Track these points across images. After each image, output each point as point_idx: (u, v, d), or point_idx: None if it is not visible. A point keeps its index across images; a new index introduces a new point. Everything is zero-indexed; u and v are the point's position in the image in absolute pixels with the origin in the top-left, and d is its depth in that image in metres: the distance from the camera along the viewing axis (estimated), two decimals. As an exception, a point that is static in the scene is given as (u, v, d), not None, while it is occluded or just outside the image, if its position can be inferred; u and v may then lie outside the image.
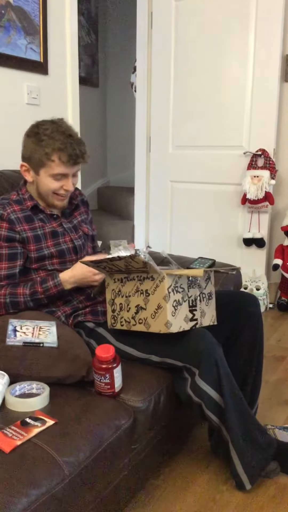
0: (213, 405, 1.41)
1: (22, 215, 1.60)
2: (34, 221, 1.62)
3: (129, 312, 1.45)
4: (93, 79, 4.52)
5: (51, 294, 1.56)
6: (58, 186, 1.57)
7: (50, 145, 1.49)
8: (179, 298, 1.39)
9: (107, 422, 1.21)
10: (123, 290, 1.46)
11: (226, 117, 3.15)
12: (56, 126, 1.52)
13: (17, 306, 1.54)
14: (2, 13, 2.22)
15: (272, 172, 3.01)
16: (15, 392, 1.25)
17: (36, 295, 1.55)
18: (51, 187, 1.57)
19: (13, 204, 1.60)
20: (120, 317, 1.48)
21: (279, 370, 2.36)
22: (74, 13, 2.60)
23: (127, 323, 1.46)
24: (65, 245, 1.66)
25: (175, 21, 3.23)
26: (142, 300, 1.41)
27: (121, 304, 1.47)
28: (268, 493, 1.50)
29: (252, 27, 2.97)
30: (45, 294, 1.55)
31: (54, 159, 1.50)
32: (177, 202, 3.46)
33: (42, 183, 1.57)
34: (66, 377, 1.31)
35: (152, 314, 1.38)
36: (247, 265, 3.19)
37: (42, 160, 1.52)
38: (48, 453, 1.04)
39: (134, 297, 1.43)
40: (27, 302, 1.55)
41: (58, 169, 1.52)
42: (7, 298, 1.53)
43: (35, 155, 1.53)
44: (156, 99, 3.41)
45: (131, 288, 1.44)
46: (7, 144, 2.36)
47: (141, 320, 1.41)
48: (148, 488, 1.52)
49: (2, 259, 1.55)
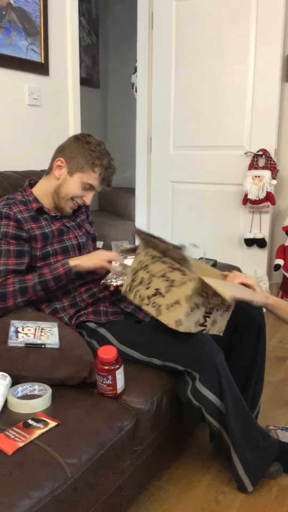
0: (213, 410, 1.41)
1: (28, 215, 1.62)
2: (40, 220, 1.64)
3: (147, 291, 1.42)
4: (94, 79, 4.52)
5: (58, 274, 1.54)
6: (81, 194, 1.66)
7: (100, 160, 1.63)
8: (199, 302, 1.36)
9: (109, 424, 1.20)
10: (151, 268, 1.44)
11: (227, 117, 3.15)
12: (106, 148, 1.67)
13: (25, 292, 1.53)
14: (3, 14, 2.22)
15: (273, 172, 3.00)
16: (17, 393, 1.25)
17: (43, 276, 1.54)
18: (75, 192, 1.65)
19: (19, 204, 1.63)
20: (136, 290, 1.46)
21: (281, 371, 2.36)
22: (75, 14, 2.60)
23: (140, 299, 1.44)
24: (69, 242, 1.68)
25: (175, 22, 3.23)
26: (165, 287, 1.38)
27: (143, 278, 1.45)
28: (270, 494, 1.50)
29: (253, 27, 2.96)
30: (52, 274, 1.54)
31: (96, 171, 1.63)
32: (178, 202, 3.46)
33: (70, 185, 1.64)
34: (68, 379, 1.31)
35: (167, 305, 1.37)
36: (249, 265, 3.19)
37: (85, 166, 1.62)
38: (51, 455, 1.04)
39: (158, 280, 1.40)
40: (35, 286, 1.53)
41: (93, 181, 1.64)
42: (16, 285, 1.52)
43: (79, 159, 1.62)
44: (157, 99, 3.41)
45: (159, 269, 1.41)
46: (8, 145, 2.37)
47: (155, 304, 1.39)
48: (151, 490, 1.52)
49: (10, 255, 1.56)
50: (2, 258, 1.56)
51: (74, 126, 2.70)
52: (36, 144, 2.51)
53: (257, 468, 1.47)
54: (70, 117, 2.68)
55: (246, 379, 1.61)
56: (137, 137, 3.56)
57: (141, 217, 3.65)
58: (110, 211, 4.34)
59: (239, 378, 1.57)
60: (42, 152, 2.52)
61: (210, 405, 1.40)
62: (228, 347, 1.61)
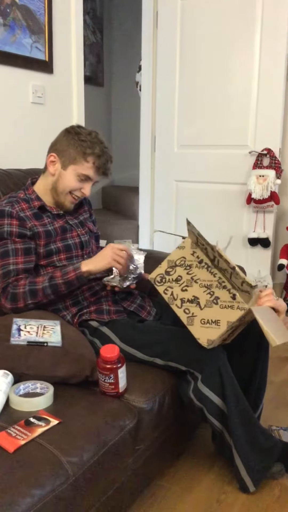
0: (216, 411, 1.40)
1: (30, 213, 1.62)
2: (43, 218, 1.64)
3: (183, 293, 1.35)
4: (98, 78, 4.52)
5: (69, 279, 1.52)
6: (78, 186, 1.63)
7: (91, 148, 1.58)
8: (235, 325, 1.35)
9: (111, 423, 1.20)
10: (195, 271, 1.36)
11: (232, 116, 3.14)
12: (96, 135, 1.63)
13: (35, 294, 1.52)
14: (8, 11, 2.22)
15: (277, 172, 2.99)
16: (19, 391, 1.25)
17: (54, 280, 1.52)
18: (72, 185, 1.62)
19: (21, 202, 1.63)
20: (169, 286, 1.38)
21: (284, 371, 2.35)
22: (79, 12, 2.59)
23: (171, 296, 1.37)
24: (72, 240, 1.68)
25: (180, 20, 3.22)
26: (206, 300, 1.32)
27: (181, 277, 1.37)
28: (272, 494, 1.49)
29: (258, 26, 2.95)
30: (63, 279, 1.52)
31: (89, 161, 1.59)
32: (182, 201, 3.45)
33: (65, 178, 1.62)
34: (70, 377, 1.31)
35: (203, 320, 1.31)
36: (252, 265, 3.18)
37: (77, 158, 1.59)
38: (52, 453, 1.04)
39: (199, 290, 1.33)
40: (45, 289, 1.51)
41: (88, 171, 1.60)
42: (26, 287, 1.52)
43: (70, 151, 1.60)
44: (161, 98, 3.40)
45: (204, 278, 1.34)
46: (12, 143, 2.37)
47: (188, 311, 1.34)
48: (152, 489, 1.51)
49: (18, 253, 1.56)
50: (11, 257, 1.55)
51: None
52: (40, 142, 2.50)
53: (259, 469, 1.47)
54: (74, 116, 2.68)
55: (248, 379, 1.61)
56: (141, 136, 3.55)
57: (145, 216, 3.65)
58: (114, 210, 4.34)
59: (241, 379, 1.57)
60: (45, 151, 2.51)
61: (212, 405, 1.40)
62: (230, 347, 1.60)
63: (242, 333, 1.61)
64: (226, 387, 1.38)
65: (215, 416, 1.41)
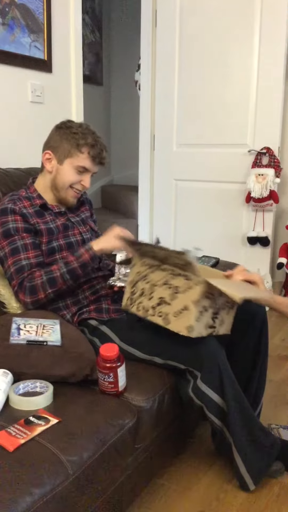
0: (215, 408, 1.41)
1: (32, 210, 1.63)
2: (45, 216, 1.65)
3: (150, 301, 1.39)
4: (97, 77, 4.52)
5: (84, 261, 1.53)
6: (77, 179, 1.64)
7: (83, 139, 1.60)
8: (207, 305, 1.35)
9: (111, 421, 1.20)
10: (151, 277, 1.40)
11: (231, 115, 3.14)
12: (87, 126, 1.65)
13: (54, 282, 1.51)
14: (6, 10, 2.22)
15: (277, 171, 2.99)
16: (18, 390, 1.25)
17: (70, 265, 1.53)
18: (71, 179, 1.63)
19: (23, 200, 1.64)
20: (138, 302, 1.42)
21: (283, 370, 2.35)
22: (78, 11, 2.59)
23: (144, 310, 1.40)
24: (74, 237, 1.69)
25: (179, 19, 3.22)
26: (169, 294, 1.35)
27: (144, 289, 1.41)
28: (272, 493, 1.50)
29: (257, 25, 2.95)
30: (78, 262, 1.53)
31: (83, 152, 1.60)
32: (181, 200, 3.45)
33: (63, 173, 1.63)
34: (70, 376, 1.31)
35: (175, 312, 1.34)
36: (251, 264, 3.18)
37: (71, 150, 1.60)
38: (52, 452, 1.04)
39: (161, 289, 1.37)
40: (63, 275, 1.52)
41: (84, 162, 1.61)
42: (43, 277, 1.51)
43: (64, 145, 1.61)
44: (160, 97, 3.40)
45: (159, 278, 1.38)
46: (11, 142, 2.36)
47: (161, 314, 1.36)
48: (152, 487, 1.52)
49: (28, 248, 1.57)
50: (22, 253, 1.55)
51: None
52: (39, 142, 2.49)
53: (259, 467, 1.47)
54: (73, 115, 2.68)
55: (248, 377, 1.61)
56: (140, 135, 3.55)
57: (144, 215, 3.65)
58: (113, 209, 4.34)
59: (240, 377, 1.57)
60: (45, 150, 2.51)
61: (211, 403, 1.40)
62: (230, 345, 1.61)
63: (241, 331, 1.61)
64: (226, 385, 1.38)
65: (215, 414, 1.41)
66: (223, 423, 1.42)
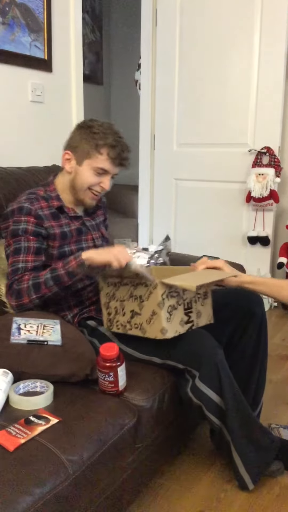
0: (214, 407, 1.40)
1: (48, 212, 1.58)
2: (60, 219, 1.61)
3: (125, 317, 1.43)
4: (97, 76, 4.51)
5: (70, 268, 1.46)
6: (96, 181, 1.58)
7: (103, 139, 1.52)
8: (173, 303, 1.37)
9: (111, 421, 1.20)
10: (117, 294, 1.44)
11: (231, 114, 3.14)
12: (110, 126, 1.57)
13: (38, 288, 1.47)
14: (7, 10, 2.21)
15: (277, 170, 2.99)
16: (19, 390, 1.25)
17: (56, 271, 1.47)
18: (90, 180, 1.57)
19: (40, 200, 1.59)
20: (115, 321, 1.46)
21: (283, 369, 2.35)
22: (78, 10, 2.59)
23: (123, 327, 1.44)
24: (86, 243, 1.66)
25: (179, 19, 3.22)
26: (137, 305, 1.39)
27: (116, 308, 1.45)
28: (272, 492, 1.50)
29: (257, 24, 2.95)
30: (65, 269, 1.46)
31: (102, 153, 1.53)
32: (181, 200, 3.45)
33: (82, 174, 1.57)
34: (70, 376, 1.31)
35: (147, 320, 1.37)
36: (252, 263, 3.18)
37: (90, 151, 1.54)
38: (52, 452, 1.04)
39: (129, 302, 1.41)
40: (47, 281, 1.46)
41: (103, 163, 1.55)
42: (30, 281, 1.48)
43: (83, 145, 1.55)
44: (160, 96, 3.40)
45: (124, 293, 1.42)
46: (11, 141, 2.36)
47: (137, 325, 1.40)
48: (152, 487, 1.52)
49: (29, 252, 1.53)
50: (21, 255, 1.52)
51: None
52: (39, 141, 2.50)
53: (258, 466, 1.47)
54: (73, 114, 2.68)
55: (247, 377, 1.61)
56: (141, 134, 3.55)
57: (144, 214, 3.65)
58: (113, 208, 4.33)
59: (240, 377, 1.57)
60: (45, 149, 2.51)
61: (210, 403, 1.40)
62: (229, 345, 1.61)
63: (240, 332, 1.61)
64: (224, 384, 1.38)
65: (214, 413, 1.41)
66: (221, 422, 1.42)
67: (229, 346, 1.60)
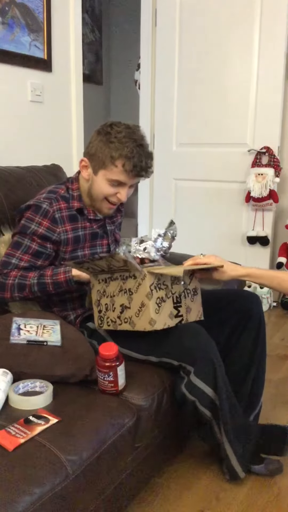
0: (207, 401, 1.41)
1: (66, 214, 1.54)
2: (78, 221, 1.57)
3: (115, 312, 1.43)
4: (97, 76, 4.51)
5: (58, 280, 1.46)
6: (112, 192, 1.51)
7: (118, 150, 1.43)
8: (162, 295, 1.38)
9: (110, 421, 1.20)
10: (108, 290, 1.44)
11: (231, 114, 3.14)
12: (130, 132, 1.45)
13: (22, 289, 1.48)
14: (6, 9, 2.21)
15: (276, 170, 2.99)
16: (18, 390, 1.25)
17: (43, 278, 1.47)
18: (105, 191, 1.51)
19: (60, 200, 1.54)
20: (106, 318, 1.46)
21: (282, 369, 2.35)
22: (78, 10, 2.59)
23: (113, 323, 1.45)
24: (100, 248, 1.64)
25: (179, 19, 3.22)
26: (126, 299, 1.39)
27: (107, 304, 1.45)
28: (271, 492, 1.50)
29: (257, 24, 2.95)
30: (52, 279, 1.47)
31: (117, 165, 1.44)
32: (180, 200, 3.45)
33: (97, 184, 1.51)
34: (69, 376, 1.31)
35: (136, 313, 1.37)
36: (251, 263, 3.17)
37: (105, 162, 1.45)
38: (52, 452, 1.04)
39: (119, 297, 1.41)
40: (33, 286, 1.47)
41: (118, 176, 1.47)
42: (16, 279, 1.48)
43: (99, 154, 1.46)
44: (160, 96, 3.40)
45: (115, 287, 1.42)
46: (10, 141, 2.36)
47: (126, 319, 1.40)
48: (152, 486, 1.52)
49: (28, 252, 1.51)
50: (19, 251, 1.51)
51: (76, 123, 2.70)
52: (38, 140, 2.50)
53: (245, 453, 1.49)
54: (73, 114, 2.68)
55: (246, 377, 1.61)
56: (140, 134, 3.55)
57: (144, 214, 3.65)
58: (113, 208, 4.33)
59: (238, 376, 1.58)
60: (44, 148, 2.52)
61: (204, 396, 1.40)
62: (227, 346, 1.61)
63: (237, 331, 1.61)
64: (218, 378, 1.39)
65: (207, 406, 1.42)
66: (212, 415, 1.43)
67: (228, 347, 1.60)
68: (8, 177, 1.86)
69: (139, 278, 1.35)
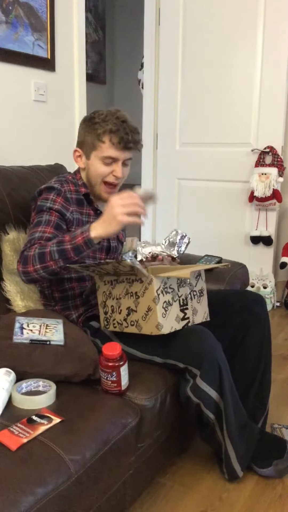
0: (212, 404, 1.41)
1: (75, 197, 1.59)
2: (84, 207, 1.60)
3: (121, 314, 1.43)
4: (100, 76, 4.51)
5: (77, 243, 1.34)
6: (107, 171, 1.54)
7: (102, 127, 1.50)
8: (169, 299, 1.37)
9: (113, 420, 1.20)
10: (114, 292, 1.44)
11: (234, 114, 3.13)
12: (112, 113, 1.53)
13: (43, 257, 1.36)
14: (10, 9, 2.21)
15: (280, 170, 2.99)
16: (21, 389, 1.25)
17: (62, 244, 1.36)
18: (100, 171, 1.54)
19: (70, 183, 1.60)
20: (112, 319, 1.47)
21: (286, 369, 2.35)
22: (81, 10, 2.59)
23: (119, 325, 1.45)
24: (101, 241, 1.60)
25: (182, 18, 3.21)
26: (133, 302, 1.39)
27: (113, 306, 1.46)
28: (275, 493, 1.50)
29: (261, 24, 2.94)
30: (71, 243, 1.35)
31: (104, 141, 1.50)
32: (184, 199, 3.45)
33: (93, 167, 1.55)
34: (72, 376, 1.31)
35: (143, 316, 1.37)
36: (254, 263, 3.17)
37: (94, 142, 1.52)
38: (54, 451, 1.04)
39: (125, 299, 1.41)
40: (52, 253, 1.35)
41: (108, 151, 1.51)
42: (36, 250, 1.38)
43: (87, 139, 1.54)
44: (163, 96, 3.40)
45: (121, 290, 1.42)
46: (14, 140, 2.36)
47: (133, 322, 1.40)
48: (154, 487, 1.52)
49: (49, 224, 1.48)
50: (41, 226, 1.47)
51: (79, 122, 2.69)
52: (42, 140, 2.51)
53: (246, 454, 1.50)
54: (76, 113, 2.68)
55: (251, 378, 1.60)
56: (143, 134, 3.55)
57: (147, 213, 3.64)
58: (116, 207, 4.33)
59: (244, 378, 1.57)
60: (47, 148, 2.52)
61: (209, 400, 1.40)
62: (232, 346, 1.60)
63: (243, 333, 1.61)
64: (224, 381, 1.39)
65: (211, 409, 1.41)
66: (216, 418, 1.43)
67: (232, 347, 1.60)
68: (12, 177, 1.86)
69: (146, 283, 1.35)
